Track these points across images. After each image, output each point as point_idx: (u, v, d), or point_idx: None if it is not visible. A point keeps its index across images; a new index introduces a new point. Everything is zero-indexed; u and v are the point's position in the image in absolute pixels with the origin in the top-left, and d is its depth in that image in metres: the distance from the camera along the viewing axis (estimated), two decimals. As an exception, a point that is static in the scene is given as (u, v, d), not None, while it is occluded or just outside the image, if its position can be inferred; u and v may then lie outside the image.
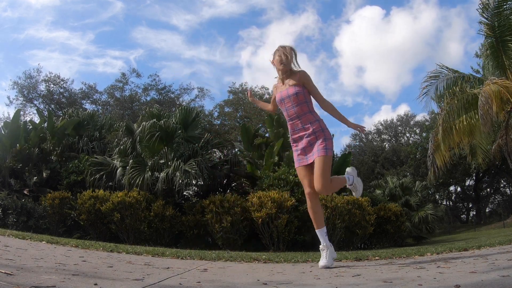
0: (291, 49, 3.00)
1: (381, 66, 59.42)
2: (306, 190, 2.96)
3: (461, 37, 53.61)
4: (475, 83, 9.61)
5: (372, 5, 59.83)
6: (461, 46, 53.22)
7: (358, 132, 3.40)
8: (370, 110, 64.62)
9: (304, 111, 2.93)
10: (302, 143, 2.94)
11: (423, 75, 9.87)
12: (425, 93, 9.67)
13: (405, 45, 56.64)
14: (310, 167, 2.94)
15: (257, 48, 53.67)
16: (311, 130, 2.89)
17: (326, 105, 3.02)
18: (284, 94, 2.97)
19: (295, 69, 3.03)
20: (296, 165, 3.02)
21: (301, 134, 2.95)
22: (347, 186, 3.27)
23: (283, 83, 3.05)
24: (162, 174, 9.77)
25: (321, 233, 2.95)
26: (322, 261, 2.87)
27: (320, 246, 2.93)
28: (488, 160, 11.00)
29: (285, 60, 2.95)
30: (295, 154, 3.03)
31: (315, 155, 2.85)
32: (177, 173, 9.49)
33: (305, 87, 2.98)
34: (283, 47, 3.00)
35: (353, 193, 3.34)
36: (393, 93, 59.62)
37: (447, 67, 10.10)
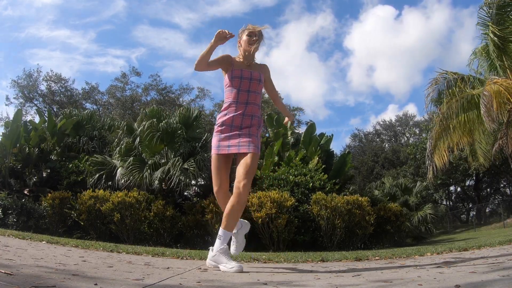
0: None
1: (392, 66, 59.44)
2: (217, 186, 2.68)
3: (472, 38, 53.60)
4: (475, 83, 9.62)
5: (384, 4, 59.89)
6: (472, 47, 53.07)
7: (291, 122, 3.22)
8: (376, 110, 64.78)
9: (257, 102, 2.75)
10: (238, 131, 2.67)
11: (433, 76, 10.10)
12: (430, 101, 9.99)
13: (416, 45, 56.59)
14: (230, 158, 2.73)
15: (271, 48, 53.29)
16: (251, 121, 2.70)
17: (279, 101, 3.22)
18: (246, 74, 2.70)
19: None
20: (221, 151, 2.67)
21: (242, 121, 2.68)
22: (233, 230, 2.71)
23: (245, 64, 2.80)
24: (160, 170, 9.78)
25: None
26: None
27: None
28: (489, 161, 11.00)
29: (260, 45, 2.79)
30: (217, 139, 2.70)
31: (251, 149, 2.60)
32: (175, 171, 9.51)
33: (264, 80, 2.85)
34: (258, 28, 2.76)
35: (232, 246, 2.80)
36: (403, 93, 59.80)
37: (446, 71, 10.16)
